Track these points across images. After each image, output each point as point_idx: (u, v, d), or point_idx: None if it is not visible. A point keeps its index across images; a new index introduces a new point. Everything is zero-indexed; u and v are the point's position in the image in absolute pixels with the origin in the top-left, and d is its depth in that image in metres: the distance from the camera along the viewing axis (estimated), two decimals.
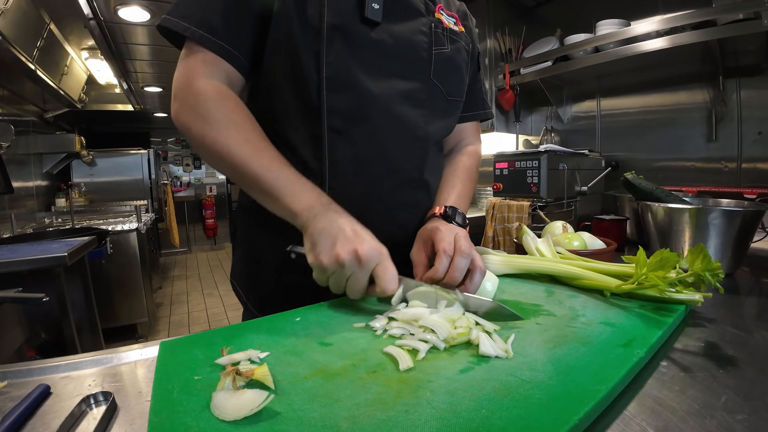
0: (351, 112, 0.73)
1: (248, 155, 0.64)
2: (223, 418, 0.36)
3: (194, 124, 0.65)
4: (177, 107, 0.67)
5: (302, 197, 0.63)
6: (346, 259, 0.56)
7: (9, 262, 1.70)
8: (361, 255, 0.56)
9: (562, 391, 0.39)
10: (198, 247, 7.55)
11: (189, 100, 0.66)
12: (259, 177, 0.64)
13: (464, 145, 0.98)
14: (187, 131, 0.67)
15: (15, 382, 0.49)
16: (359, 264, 0.57)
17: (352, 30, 0.71)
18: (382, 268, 0.58)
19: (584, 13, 2.27)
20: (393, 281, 0.58)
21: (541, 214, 1.43)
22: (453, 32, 0.83)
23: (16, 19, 2.24)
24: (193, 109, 0.65)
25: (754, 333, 0.60)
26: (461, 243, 0.65)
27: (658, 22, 1.71)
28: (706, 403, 0.41)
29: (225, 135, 0.64)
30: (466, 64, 0.87)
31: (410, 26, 0.77)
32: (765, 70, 1.68)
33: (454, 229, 0.70)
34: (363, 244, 0.57)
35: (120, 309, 3.25)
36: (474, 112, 0.99)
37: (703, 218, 0.93)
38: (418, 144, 0.80)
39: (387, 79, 0.74)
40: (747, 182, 1.75)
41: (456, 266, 0.64)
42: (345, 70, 0.71)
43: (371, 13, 0.71)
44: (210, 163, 0.68)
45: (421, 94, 0.78)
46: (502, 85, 2.48)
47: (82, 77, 3.80)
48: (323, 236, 0.59)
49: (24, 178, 3.44)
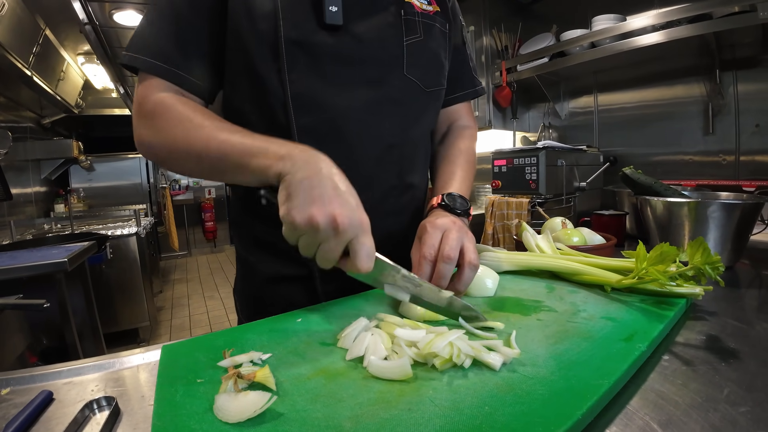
0: (321, 130, 0.69)
1: (210, 132, 0.59)
2: (226, 420, 0.36)
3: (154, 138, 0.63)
4: (138, 133, 0.65)
5: (277, 148, 0.55)
6: (321, 223, 0.49)
7: (9, 268, 1.70)
8: (339, 223, 0.49)
9: (565, 387, 0.39)
10: (198, 250, 7.54)
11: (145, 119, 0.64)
12: (226, 147, 0.58)
13: (457, 127, 0.93)
14: (149, 148, 0.65)
15: (18, 389, 0.49)
16: (335, 232, 0.50)
17: (312, 41, 0.66)
18: (359, 243, 0.51)
19: (580, 9, 2.27)
20: (369, 259, 0.52)
21: (541, 211, 1.43)
22: (426, 15, 0.77)
23: (12, 26, 2.24)
24: (149, 123, 0.63)
25: (756, 325, 0.60)
26: (446, 245, 0.61)
27: (654, 16, 1.71)
28: (709, 396, 0.41)
29: (182, 132, 0.60)
30: (444, 49, 0.81)
31: (376, 20, 0.71)
32: (761, 63, 1.68)
33: (445, 224, 0.65)
34: (343, 210, 0.50)
35: (121, 313, 3.25)
36: (463, 91, 0.93)
37: (702, 212, 0.93)
38: (395, 151, 0.76)
39: (356, 89, 0.70)
40: (745, 175, 1.75)
41: (438, 273, 0.60)
42: (310, 87, 0.67)
43: (330, 17, 0.66)
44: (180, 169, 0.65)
45: (395, 95, 0.74)
46: (499, 82, 2.48)
47: (78, 82, 3.80)
48: (302, 188, 0.51)
49: (22, 185, 3.44)
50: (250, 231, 0.80)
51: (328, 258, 0.52)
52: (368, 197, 0.71)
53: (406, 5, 0.74)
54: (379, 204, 0.75)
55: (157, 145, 0.64)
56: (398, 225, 0.80)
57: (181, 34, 0.66)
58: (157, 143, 0.64)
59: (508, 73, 2.45)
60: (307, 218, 0.49)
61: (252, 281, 0.82)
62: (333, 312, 0.62)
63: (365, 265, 0.52)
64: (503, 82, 2.46)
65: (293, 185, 0.51)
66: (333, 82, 0.69)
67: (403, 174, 0.79)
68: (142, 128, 0.64)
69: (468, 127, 0.94)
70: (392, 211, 0.79)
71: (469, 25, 2.58)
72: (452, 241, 0.61)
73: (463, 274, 0.62)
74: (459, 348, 0.44)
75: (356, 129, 0.71)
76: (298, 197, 0.50)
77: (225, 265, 6.47)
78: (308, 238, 0.51)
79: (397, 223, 0.80)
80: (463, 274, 0.62)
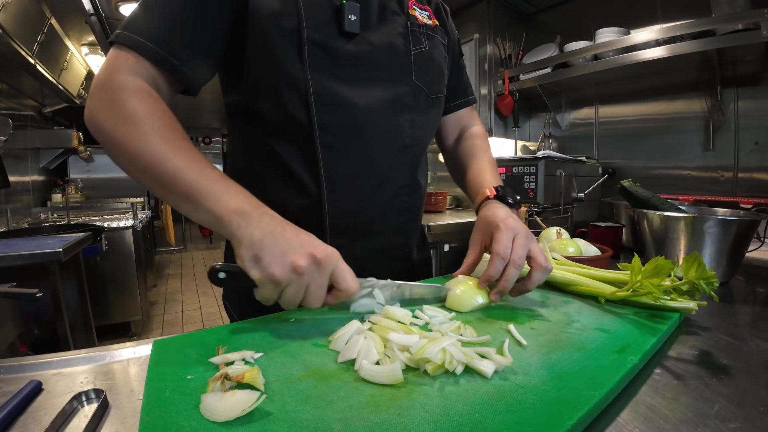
0: (342, 127, 0.72)
1: (165, 153, 0.56)
2: (213, 419, 0.35)
3: (107, 122, 0.57)
4: (91, 105, 0.59)
5: (229, 199, 0.54)
6: (304, 266, 0.50)
7: (3, 256, 1.69)
8: (320, 258, 0.51)
9: (556, 396, 0.39)
10: (194, 246, 7.52)
11: (106, 96, 0.58)
12: (177, 177, 0.55)
13: (468, 129, 1.00)
14: (99, 131, 0.58)
15: (7, 378, 0.49)
16: (318, 267, 0.51)
17: (332, 45, 0.70)
18: (340, 270, 0.54)
19: (584, 21, 2.29)
20: (354, 280, 0.55)
21: (538, 220, 1.43)
22: (428, 27, 0.83)
23: (17, 14, 2.24)
24: (108, 105, 0.58)
25: (748, 341, 0.60)
26: (517, 252, 0.64)
27: (657, 30, 1.72)
28: (699, 411, 0.41)
29: (138, 132, 0.56)
30: (444, 59, 0.88)
31: (388, 30, 0.76)
32: (763, 80, 1.69)
33: (516, 228, 0.68)
34: (317, 247, 0.52)
35: (114, 306, 3.23)
36: (466, 98, 1.01)
37: (698, 227, 0.93)
38: (407, 151, 0.80)
39: (372, 90, 0.74)
40: (743, 191, 1.76)
41: (507, 276, 0.64)
42: (330, 86, 0.70)
43: (349, 25, 0.70)
44: (121, 164, 0.59)
45: (406, 99, 0.78)
46: (501, 90, 2.49)
47: (81, 73, 3.79)
48: (268, 246, 0.51)
49: (20, 173, 3.43)
50: None
51: (317, 295, 0.53)
52: (382, 195, 0.78)
53: (411, 18, 0.80)
54: (391, 202, 0.80)
55: (109, 133, 0.57)
56: (407, 223, 0.84)
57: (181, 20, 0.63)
58: (110, 130, 0.57)
59: (510, 81, 2.46)
60: (289, 267, 0.50)
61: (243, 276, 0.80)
62: (326, 313, 0.62)
63: (354, 285, 0.54)
64: (505, 91, 2.47)
65: (256, 245, 0.51)
66: (351, 83, 0.72)
67: (413, 174, 0.83)
68: (98, 104, 0.59)
69: (479, 128, 1.02)
70: (402, 209, 0.83)
71: (473, 33, 2.59)
72: (521, 249, 0.65)
73: (534, 275, 0.65)
74: (451, 354, 0.44)
75: (375, 128, 0.75)
76: (268, 254, 0.51)
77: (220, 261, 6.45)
78: (293, 287, 0.52)
79: (405, 221, 0.84)
80: (534, 275, 0.65)
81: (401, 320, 0.56)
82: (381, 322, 0.54)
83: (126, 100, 0.57)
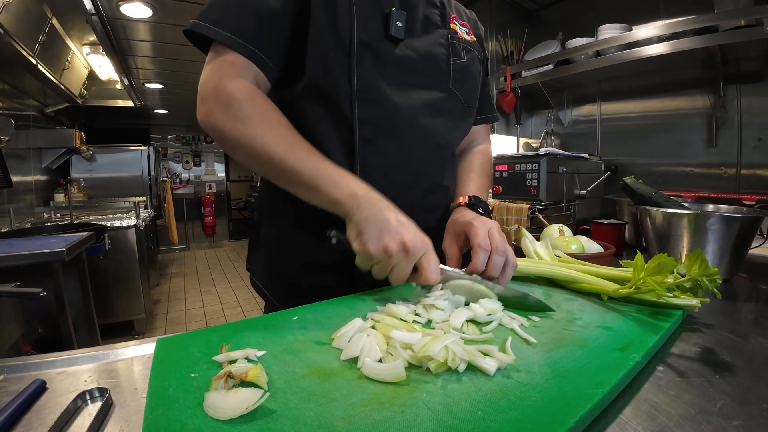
0: (380, 122, 0.76)
1: (285, 150, 0.65)
2: (217, 417, 0.35)
3: (227, 124, 0.66)
4: (207, 109, 0.67)
5: (344, 185, 0.64)
6: (394, 250, 0.58)
7: (7, 256, 1.70)
8: (409, 246, 0.58)
9: (559, 394, 0.39)
10: (196, 245, 7.54)
11: (221, 100, 0.66)
12: (298, 170, 0.64)
13: (475, 145, 1.02)
14: (219, 132, 0.67)
15: (11, 377, 0.49)
16: (406, 254, 0.59)
17: (379, 48, 0.74)
18: (427, 259, 0.61)
19: (586, 17, 2.28)
20: (436, 272, 0.61)
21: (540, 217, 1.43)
22: (467, 42, 0.88)
23: (18, 13, 2.24)
24: (226, 109, 0.66)
25: (751, 339, 0.60)
26: (496, 239, 0.68)
27: (660, 27, 1.71)
28: (702, 409, 0.41)
29: (260, 132, 0.65)
30: (478, 73, 0.92)
31: (430, 40, 0.81)
32: (766, 77, 1.68)
33: (487, 222, 0.72)
34: (409, 235, 0.59)
35: (117, 305, 3.25)
36: (484, 115, 1.04)
37: (701, 224, 0.93)
38: (440, 151, 0.84)
39: (411, 92, 0.78)
40: (746, 188, 1.76)
41: (493, 264, 0.67)
42: (373, 84, 0.74)
43: (395, 31, 0.75)
44: (244, 161, 0.69)
45: (442, 104, 0.82)
46: (503, 87, 2.49)
47: (83, 72, 3.79)
48: (370, 225, 0.60)
49: (23, 173, 3.44)
50: (290, 215, 0.83)
51: (400, 277, 0.61)
52: (414, 192, 0.81)
53: (452, 32, 0.85)
54: (421, 199, 0.83)
55: (229, 133, 0.66)
56: (434, 221, 0.87)
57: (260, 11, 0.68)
58: (230, 131, 0.66)
59: (512, 78, 2.45)
60: (381, 248, 0.59)
61: (288, 264, 0.84)
62: (329, 311, 0.62)
63: (434, 277, 0.61)
64: (507, 88, 2.46)
65: (361, 222, 0.61)
66: (392, 83, 0.76)
67: (443, 174, 0.87)
68: (217, 110, 0.66)
69: (486, 146, 1.05)
70: (431, 207, 0.86)
71: None
72: (500, 237, 0.70)
73: (506, 272, 0.69)
74: (454, 352, 0.44)
75: (411, 126, 0.78)
76: (368, 232, 0.60)
77: (223, 260, 6.47)
78: (382, 264, 0.60)
79: (433, 219, 0.87)
80: (506, 272, 0.69)
81: (404, 318, 0.56)
82: (383, 320, 0.54)
83: (241, 103, 0.65)
